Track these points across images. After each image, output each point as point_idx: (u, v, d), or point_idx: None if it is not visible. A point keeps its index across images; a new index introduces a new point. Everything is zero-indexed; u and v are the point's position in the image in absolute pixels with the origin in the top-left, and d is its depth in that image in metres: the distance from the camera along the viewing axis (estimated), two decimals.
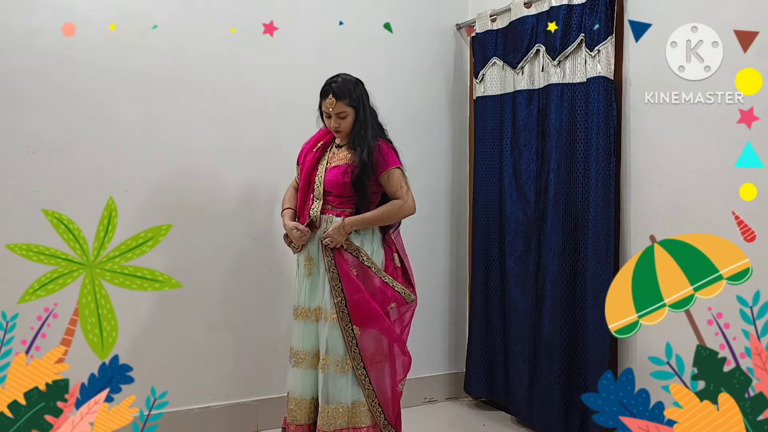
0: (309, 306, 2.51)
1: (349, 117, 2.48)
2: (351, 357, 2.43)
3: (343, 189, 2.47)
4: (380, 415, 2.48)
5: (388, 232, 2.59)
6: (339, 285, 2.43)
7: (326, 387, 2.43)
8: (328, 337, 2.43)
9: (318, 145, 2.59)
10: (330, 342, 2.43)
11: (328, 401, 2.42)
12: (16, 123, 2.57)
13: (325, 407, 2.43)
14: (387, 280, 2.49)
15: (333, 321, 2.43)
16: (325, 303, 2.46)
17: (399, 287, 2.52)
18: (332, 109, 2.45)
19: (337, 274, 2.43)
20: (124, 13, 2.72)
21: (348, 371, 2.43)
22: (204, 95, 2.93)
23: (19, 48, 2.57)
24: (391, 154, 2.51)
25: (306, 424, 2.51)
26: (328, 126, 2.53)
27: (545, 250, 2.97)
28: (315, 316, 2.50)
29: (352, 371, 2.44)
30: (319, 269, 2.50)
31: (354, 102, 2.47)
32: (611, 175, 2.71)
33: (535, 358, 3.02)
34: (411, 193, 2.53)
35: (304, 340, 2.51)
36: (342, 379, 2.43)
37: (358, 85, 2.51)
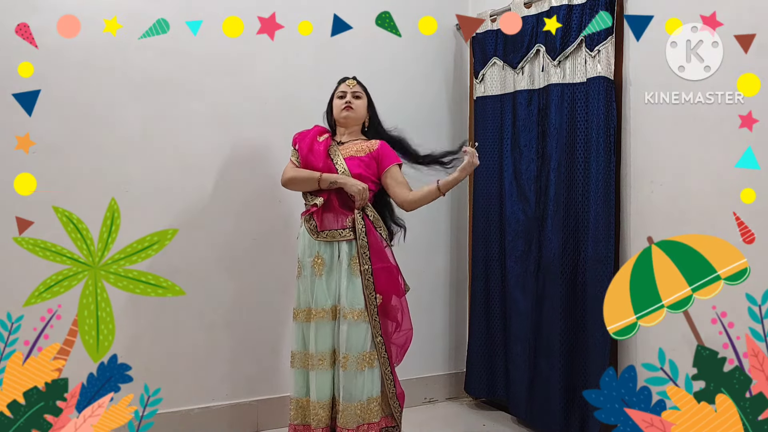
0: (324, 306, 2.51)
1: (362, 100, 2.66)
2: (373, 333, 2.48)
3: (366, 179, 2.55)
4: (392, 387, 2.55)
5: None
6: (367, 253, 2.50)
7: (348, 385, 2.45)
8: (349, 335, 2.45)
9: (320, 138, 2.62)
10: (351, 339, 2.45)
11: (350, 399, 2.45)
12: (16, 123, 2.57)
13: (348, 405, 2.45)
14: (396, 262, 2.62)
15: (353, 318, 2.46)
16: (342, 301, 2.48)
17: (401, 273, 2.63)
18: (351, 87, 2.65)
19: (367, 243, 2.50)
20: (124, 14, 2.72)
21: (365, 368, 2.46)
22: (204, 95, 2.93)
23: (19, 48, 2.57)
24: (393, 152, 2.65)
25: (329, 426, 2.53)
26: (339, 108, 2.63)
27: (545, 250, 2.97)
28: (331, 315, 2.51)
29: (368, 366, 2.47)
30: (332, 269, 2.52)
31: (366, 91, 2.70)
32: (611, 175, 2.71)
33: (536, 358, 3.02)
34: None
35: (318, 342, 2.50)
36: (360, 376, 2.46)
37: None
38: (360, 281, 2.48)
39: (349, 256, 2.51)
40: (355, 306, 2.47)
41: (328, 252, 2.52)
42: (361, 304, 2.48)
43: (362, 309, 2.48)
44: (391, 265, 2.57)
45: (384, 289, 2.52)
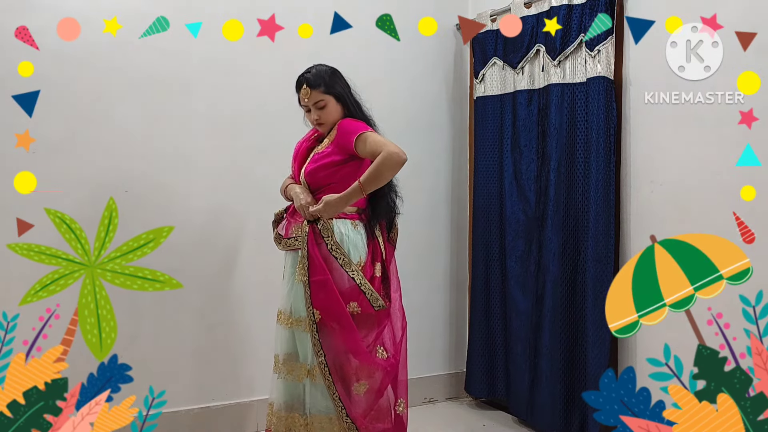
0: (280, 308, 2.45)
1: (329, 105, 2.34)
2: (314, 351, 2.25)
3: (314, 176, 2.36)
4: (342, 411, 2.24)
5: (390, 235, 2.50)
6: (306, 263, 2.28)
7: (286, 394, 2.34)
8: (293, 342, 2.35)
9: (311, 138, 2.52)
10: (301, 346, 2.34)
11: (287, 408, 2.33)
12: (16, 123, 2.57)
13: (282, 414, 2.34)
14: (354, 275, 2.29)
15: (296, 325, 2.34)
16: (291, 307, 2.37)
17: (366, 288, 2.29)
18: (308, 99, 2.33)
19: (307, 252, 2.29)
20: (124, 13, 2.72)
21: (304, 379, 2.31)
22: (204, 95, 2.93)
23: (19, 48, 2.57)
24: (355, 123, 2.34)
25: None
26: (310, 121, 2.42)
27: (546, 250, 2.97)
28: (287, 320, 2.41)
29: (308, 378, 2.30)
30: (285, 272, 2.44)
31: (331, 89, 2.34)
32: (611, 175, 2.71)
33: (536, 358, 3.02)
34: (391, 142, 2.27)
35: (279, 345, 2.42)
36: (299, 387, 2.33)
37: (334, 73, 2.40)
38: (302, 289, 2.31)
39: (295, 263, 2.38)
40: (298, 314, 2.34)
41: (287, 258, 2.45)
42: (301, 312, 2.33)
43: (304, 318, 2.32)
44: (326, 278, 2.25)
45: (321, 306, 2.26)
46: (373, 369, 2.31)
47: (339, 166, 2.35)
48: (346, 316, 2.26)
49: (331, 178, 2.35)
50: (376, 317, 2.32)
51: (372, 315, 2.31)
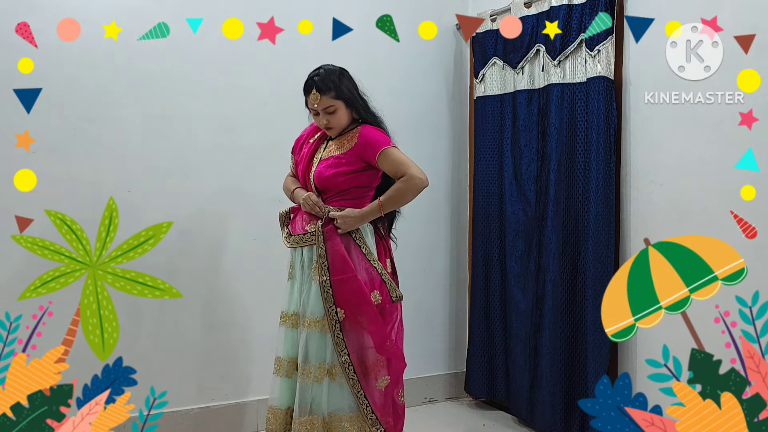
0: (287, 311, 2.42)
1: (339, 111, 2.33)
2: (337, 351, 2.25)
3: (331, 182, 2.35)
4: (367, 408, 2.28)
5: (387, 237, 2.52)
6: (326, 263, 2.27)
7: (302, 397, 2.28)
8: (308, 344, 2.30)
9: (315, 136, 2.49)
10: (309, 349, 2.29)
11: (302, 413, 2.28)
12: (15, 123, 2.57)
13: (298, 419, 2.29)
14: (376, 265, 2.33)
15: (310, 327, 2.30)
16: (303, 308, 2.35)
17: (387, 278, 2.34)
18: (318, 104, 2.30)
19: (325, 251, 2.28)
20: (124, 13, 2.72)
21: (322, 380, 2.28)
22: (203, 95, 2.93)
23: (19, 48, 2.57)
24: (376, 135, 2.35)
25: None
26: (318, 124, 2.39)
27: (546, 250, 2.97)
28: (292, 321, 2.40)
29: (328, 378, 2.28)
30: (296, 273, 2.41)
31: (342, 94, 2.32)
32: (611, 175, 2.71)
33: (536, 358, 3.02)
34: (414, 164, 2.34)
35: (284, 347, 2.40)
36: (318, 389, 2.29)
37: (343, 74, 2.37)
38: (318, 289, 2.29)
39: (310, 262, 2.35)
40: (315, 314, 2.30)
41: (296, 257, 2.42)
42: (318, 313, 2.30)
43: (320, 318, 2.29)
44: (351, 276, 2.26)
45: (346, 303, 2.26)
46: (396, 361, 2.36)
47: (358, 173, 2.37)
48: (371, 307, 2.28)
49: (349, 183, 2.37)
50: (389, 310, 2.35)
51: (386, 308, 2.34)
